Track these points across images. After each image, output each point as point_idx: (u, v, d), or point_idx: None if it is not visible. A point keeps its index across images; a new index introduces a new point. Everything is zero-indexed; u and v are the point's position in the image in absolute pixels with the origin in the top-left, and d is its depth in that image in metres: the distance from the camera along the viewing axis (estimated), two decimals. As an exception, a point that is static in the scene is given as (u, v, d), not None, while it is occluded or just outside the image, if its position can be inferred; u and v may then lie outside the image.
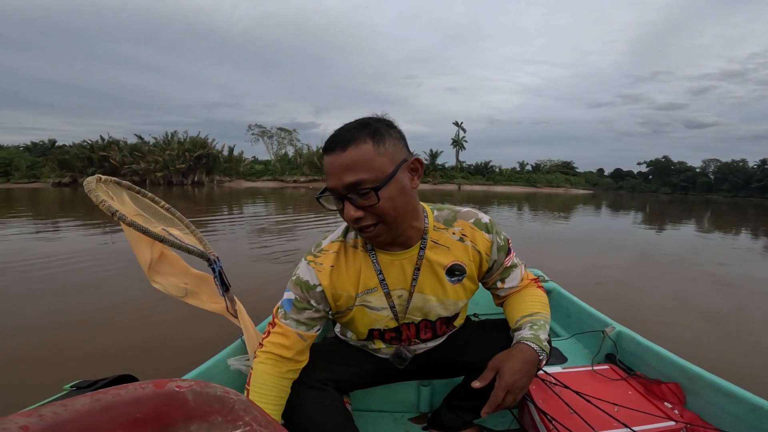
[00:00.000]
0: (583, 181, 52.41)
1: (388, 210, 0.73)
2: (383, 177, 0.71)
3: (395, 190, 0.73)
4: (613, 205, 18.98)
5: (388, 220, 0.74)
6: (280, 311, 0.87)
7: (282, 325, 0.85)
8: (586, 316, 1.63)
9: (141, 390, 0.34)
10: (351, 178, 0.70)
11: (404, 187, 0.75)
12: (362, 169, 0.69)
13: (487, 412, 0.75)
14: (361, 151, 0.70)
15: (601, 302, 2.09)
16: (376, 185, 0.70)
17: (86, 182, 0.94)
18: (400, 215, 0.76)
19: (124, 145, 29.82)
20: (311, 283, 0.84)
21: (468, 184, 39.84)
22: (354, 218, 0.73)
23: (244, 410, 0.39)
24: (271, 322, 0.88)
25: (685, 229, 9.28)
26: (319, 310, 0.86)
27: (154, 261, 1.05)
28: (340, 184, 0.71)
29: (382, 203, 0.71)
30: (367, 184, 0.70)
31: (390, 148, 0.73)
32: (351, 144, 0.70)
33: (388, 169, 0.71)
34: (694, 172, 58.72)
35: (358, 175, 0.69)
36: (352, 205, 0.72)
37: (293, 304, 0.85)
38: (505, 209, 13.39)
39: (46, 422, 0.28)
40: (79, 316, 2.63)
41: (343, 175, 0.70)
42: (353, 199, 0.72)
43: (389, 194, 0.72)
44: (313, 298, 0.85)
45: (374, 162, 0.70)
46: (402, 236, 0.83)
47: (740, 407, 0.97)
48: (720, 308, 3.13)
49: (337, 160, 0.71)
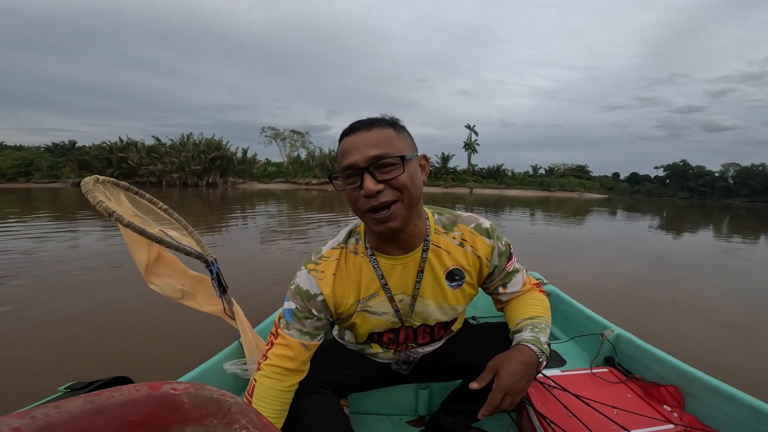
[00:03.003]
0: (598, 185, 51.96)
1: (408, 185, 0.74)
2: (407, 154, 0.74)
3: (414, 171, 0.76)
4: (628, 210, 18.78)
5: (406, 196, 0.74)
6: (281, 321, 0.85)
7: (285, 336, 0.83)
8: (585, 319, 1.63)
9: (135, 392, 0.33)
10: (376, 151, 0.72)
11: (418, 174, 0.78)
12: (386, 146, 0.72)
13: (484, 415, 0.74)
14: (385, 132, 0.74)
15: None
16: (402, 155, 0.73)
17: (83, 182, 0.93)
18: (416, 196, 0.76)
19: (142, 146, 30.24)
20: (312, 292, 0.83)
21: (480, 188, 39.83)
22: (373, 191, 0.71)
23: (241, 413, 0.38)
24: (273, 332, 0.86)
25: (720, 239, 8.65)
26: (321, 319, 0.84)
27: (152, 262, 1.05)
28: (362, 158, 0.72)
29: (405, 175, 0.73)
30: (392, 155, 0.72)
31: (407, 138, 0.78)
32: (375, 126, 0.74)
33: (408, 151, 0.76)
34: (713, 177, 57.65)
35: (382, 149, 0.72)
36: (372, 179, 0.72)
37: (294, 314, 0.83)
38: (517, 213, 13.36)
39: (37, 424, 0.27)
40: (76, 316, 2.62)
41: (367, 149, 0.72)
42: (373, 173, 0.72)
43: (411, 171, 0.74)
44: (314, 307, 0.83)
45: (396, 143, 0.74)
46: (407, 233, 0.81)
47: (740, 410, 0.97)
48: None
49: (361, 138, 0.73)
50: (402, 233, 0.81)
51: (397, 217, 0.74)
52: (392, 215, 0.74)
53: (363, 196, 0.73)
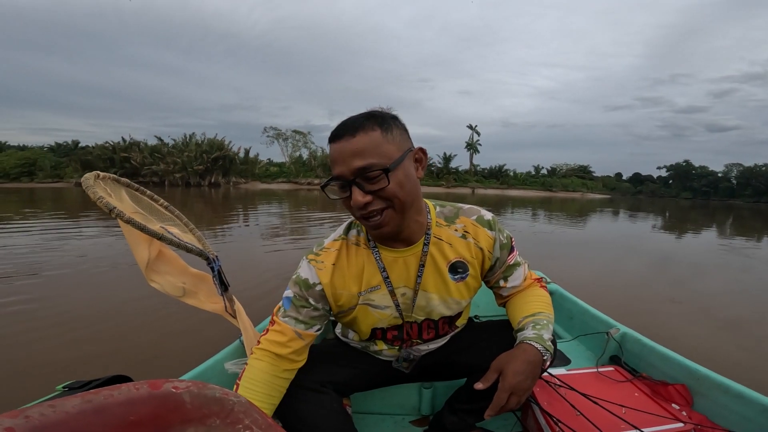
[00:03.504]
0: (600, 185, 51.69)
1: (397, 193, 0.73)
2: (392, 162, 0.71)
3: (403, 175, 0.74)
4: (631, 210, 18.67)
5: (396, 204, 0.74)
6: (279, 310, 0.87)
7: (280, 323, 0.84)
8: (589, 317, 1.61)
9: (135, 391, 0.32)
10: (360, 163, 0.70)
11: (411, 174, 0.76)
12: (371, 155, 0.70)
13: (490, 415, 0.74)
14: (370, 137, 0.71)
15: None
16: (386, 167, 0.70)
17: (84, 179, 0.92)
18: (408, 201, 0.75)
19: (145, 146, 30.34)
20: (310, 281, 0.84)
21: (482, 188, 39.80)
22: (362, 204, 0.72)
23: (244, 413, 0.37)
24: (271, 320, 0.88)
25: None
26: (318, 309, 0.85)
27: (152, 259, 1.04)
28: (348, 170, 0.71)
29: (392, 186, 0.71)
30: (377, 168, 0.70)
31: (397, 137, 0.74)
32: (360, 131, 0.71)
33: (396, 155, 0.73)
34: (716, 177, 57.14)
35: (367, 159, 0.70)
36: (360, 191, 0.71)
37: (292, 302, 0.85)
38: (519, 213, 13.34)
39: (32, 424, 0.26)
40: (75, 314, 2.62)
41: (352, 160, 0.70)
42: (361, 185, 0.71)
43: (398, 178, 0.72)
44: (311, 296, 0.84)
45: (383, 148, 0.71)
46: (406, 230, 0.81)
47: (749, 408, 0.96)
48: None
49: (346, 147, 0.71)
50: (401, 232, 0.81)
51: (389, 223, 0.75)
52: (384, 221, 0.75)
53: (353, 206, 0.74)
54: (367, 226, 0.78)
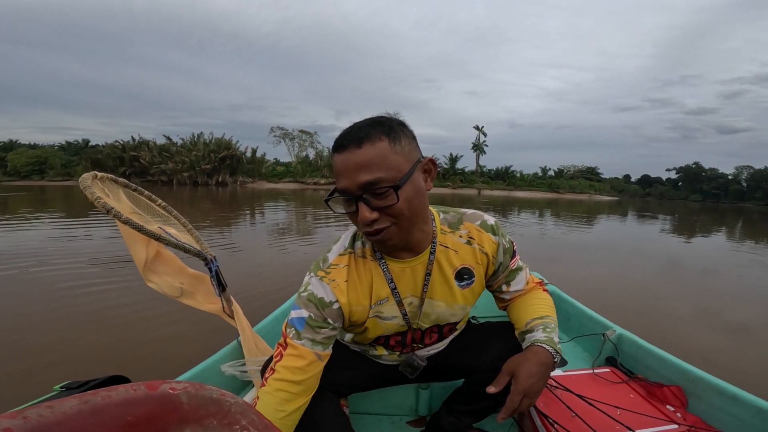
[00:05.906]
0: (608, 187, 51.08)
1: (405, 211, 0.69)
2: (401, 176, 0.67)
3: (412, 190, 0.69)
4: (639, 212, 18.41)
5: (403, 221, 0.70)
6: (290, 331, 0.78)
7: (296, 346, 0.76)
8: (587, 319, 1.61)
9: (133, 392, 0.33)
10: (367, 177, 0.65)
11: (420, 188, 0.72)
12: (379, 168, 0.65)
13: (503, 417, 0.73)
14: (378, 148, 0.66)
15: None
16: (395, 184, 0.66)
17: (82, 179, 0.93)
18: (415, 217, 0.72)
19: (154, 145, 30.82)
20: (327, 300, 0.78)
21: (488, 189, 39.68)
22: (369, 220, 0.68)
23: (241, 414, 0.37)
24: (281, 344, 0.79)
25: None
26: (335, 328, 0.80)
27: (150, 260, 1.05)
28: (354, 184, 0.67)
29: (401, 203, 0.67)
30: (385, 183, 0.66)
31: (406, 147, 0.69)
32: (366, 141, 0.66)
33: (405, 168, 0.68)
34: (726, 179, 56.58)
35: (374, 173, 0.65)
36: (367, 207, 0.67)
37: (307, 322, 0.77)
38: (526, 215, 13.23)
39: (30, 425, 0.27)
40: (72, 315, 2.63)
41: (358, 174, 0.66)
42: (368, 200, 0.67)
43: (407, 194, 0.68)
44: (329, 315, 0.78)
45: (391, 160, 0.66)
46: (413, 241, 0.79)
47: (744, 410, 0.96)
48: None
49: (351, 159, 0.66)
50: (407, 243, 0.79)
51: (393, 237, 0.72)
52: (388, 236, 0.71)
53: (360, 222, 0.70)
54: (371, 240, 0.75)
